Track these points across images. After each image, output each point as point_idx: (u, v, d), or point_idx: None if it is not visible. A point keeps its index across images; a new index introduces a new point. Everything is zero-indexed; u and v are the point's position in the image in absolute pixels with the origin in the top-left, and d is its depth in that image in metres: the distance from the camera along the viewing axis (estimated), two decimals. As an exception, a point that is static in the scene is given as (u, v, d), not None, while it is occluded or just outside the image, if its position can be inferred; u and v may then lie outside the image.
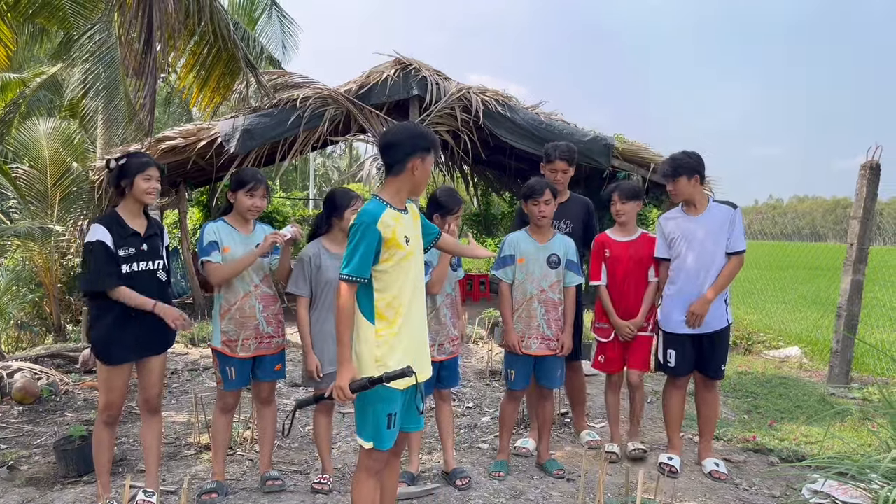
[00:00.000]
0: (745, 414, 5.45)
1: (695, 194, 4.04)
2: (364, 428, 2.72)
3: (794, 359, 7.83)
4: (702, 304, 3.93)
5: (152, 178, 3.37)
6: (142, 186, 3.34)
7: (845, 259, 6.58)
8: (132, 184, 3.34)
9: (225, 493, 3.67)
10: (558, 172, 4.38)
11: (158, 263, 3.44)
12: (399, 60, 8.72)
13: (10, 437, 4.66)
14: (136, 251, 3.33)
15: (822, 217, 43.84)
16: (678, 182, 4.02)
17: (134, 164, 3.34)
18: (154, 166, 3.39)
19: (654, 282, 4.20)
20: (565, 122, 8.93)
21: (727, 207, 4.02)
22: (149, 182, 3.35)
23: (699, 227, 4.00)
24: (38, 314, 8.63)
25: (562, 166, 4.38)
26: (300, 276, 3.67)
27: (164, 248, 3.55)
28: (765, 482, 4.03)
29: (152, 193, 3.38)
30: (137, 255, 3.34)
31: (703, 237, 3.97)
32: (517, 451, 4.43)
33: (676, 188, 4.04)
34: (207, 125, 8.68)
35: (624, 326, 4.19)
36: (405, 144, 2.68)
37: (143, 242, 3.38)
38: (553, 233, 4.07)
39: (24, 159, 9.12)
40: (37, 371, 5.83)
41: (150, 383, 3.52)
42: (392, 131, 2.77)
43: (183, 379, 6.40)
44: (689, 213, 4.07)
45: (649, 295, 4.20)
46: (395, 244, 2.65)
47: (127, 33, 5.93)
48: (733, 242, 3.98)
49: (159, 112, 18.27)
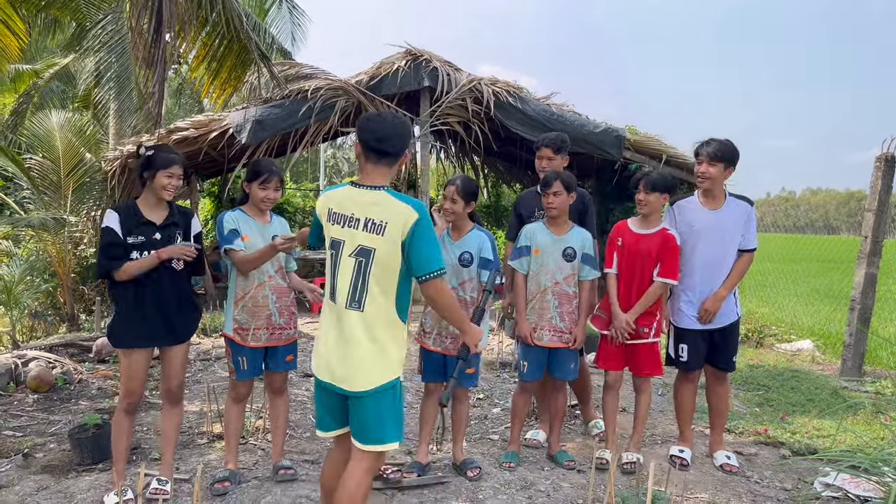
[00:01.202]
0: (756, 407, 5.43)
1: (721, 185, 3.97)
2: (394, 428, 2.64)
3: (807, 352, 7.79)
4: (715, 300, 3.90)
5: (174, 175, 3.41)
6: (162, 182, 3.39)
7: (859, 252, 6.53)
8: (154, 177, 3.38)
9: (238, 481, 3.70)
10: (543, 160, 4.35)
11: None
12: (410, 51, 8.69)
13: (25, 425, 4.71)
14: (146, 240, 3.37)
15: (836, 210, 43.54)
16: (715, 167, 3.87)
17: (160, 159, 3.38)
18: (179, 164, 3.44)
19: (658, 282, 3.92)
20: (577, 114, 8.87)
21: (745, 204, 3.97)
22: (170, 179, 3.40)
23: (719, 221, 3.93)
24: (52, 304, 8.71)
25: (547, 153, 4.34)
26: None
27: (193, 237, 3.59)
28: (776, 475, 4.02)
29: (171, 190, 3.43)
30: (147, 244, 3.37)
31: (722, 232, 3.91)
32: (528, 443, 4.43)
33: (711, 173, 3.88)
34: (219, 116, 8.69)
35: (621, 319, 3.94)
36: (406, 138, 2.65)
37: (157, 232, 3.41)
38: (570, 225, 4.04)
39: (37, 150, 9.17)
40: (51, 360, 5.89)
41: (172, 373, 3.56)
42: (391, 122, 2.65)
43: (195, 368, 6.43)
44: (708, 205, 3.98)
45: (650, 294, 3.93)
46: None
47: (137, 23, 5.94)
48: (748, 240, 3.94)
49: (171, 103, 18.34)
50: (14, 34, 6.27)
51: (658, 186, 3.91)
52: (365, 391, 2.56)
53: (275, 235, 3.62)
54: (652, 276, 3.95)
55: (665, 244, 3.91)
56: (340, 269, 2.58)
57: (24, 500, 3.52)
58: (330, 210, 2.64)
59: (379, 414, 2.60)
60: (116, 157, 8.82)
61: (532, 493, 3.70)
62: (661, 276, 3.91)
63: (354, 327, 2.56)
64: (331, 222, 2.63)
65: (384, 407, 2.61)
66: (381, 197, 2.57)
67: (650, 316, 3.99)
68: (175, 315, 3.45)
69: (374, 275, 2.55)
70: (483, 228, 3.88)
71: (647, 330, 3.99)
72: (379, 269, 2.55)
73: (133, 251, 3.34)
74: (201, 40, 6.56)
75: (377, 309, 2.57)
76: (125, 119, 8.41)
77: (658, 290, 3.94)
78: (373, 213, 2.55)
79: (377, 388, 2.57)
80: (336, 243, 2.61)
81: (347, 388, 2.58)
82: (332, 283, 2.62)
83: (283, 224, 3.80)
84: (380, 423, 2.60)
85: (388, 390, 2.61)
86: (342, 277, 2.58)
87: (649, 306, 3.96)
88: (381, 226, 2.52)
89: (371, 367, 2.57)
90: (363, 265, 2.55)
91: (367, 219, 2.55)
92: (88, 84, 9.98)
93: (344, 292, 2.57)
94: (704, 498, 3.65)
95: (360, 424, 2.61)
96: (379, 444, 2.61)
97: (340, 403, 2.68)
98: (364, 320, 2.56)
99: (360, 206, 2.58)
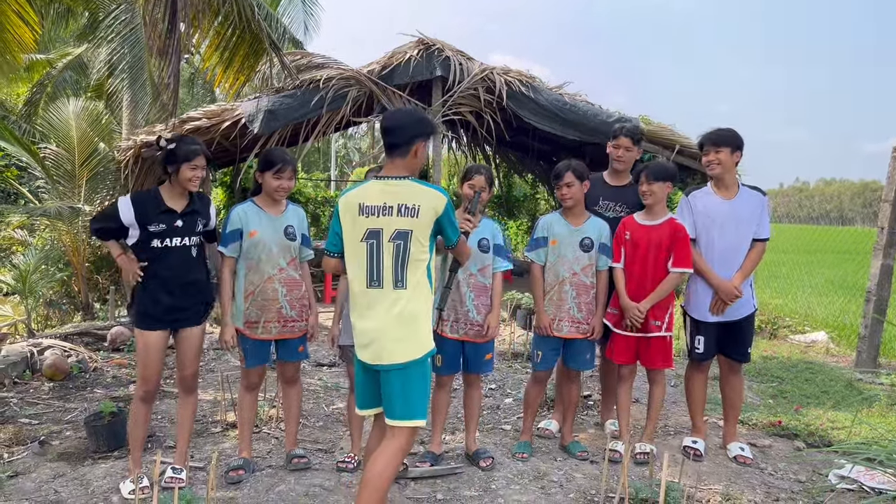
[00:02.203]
0: (770, 398, 5.41)
1: (732, 172, 3.98)
2: (421, 405, 2.82)
3: (821, 343, 7.73)
4: (728, 289, 3.89)
5: (198, 167, 3.41)
6: (187, 175, 3.39)
7: (875, 243, 6.47)
8: (178, 171, 3.38)
9: (252, 470, 3.72)
10: (621, 149, 4.25)
11: (193, 240, 3.49)
12: (422, 41, 8.63)
13: (41, 413, 4.76)
14: (167, 227, 3.39)
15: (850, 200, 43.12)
16: (721, 153, 3.90)
17: (182, 152, 3.37)
18: (202, 155, 3.43)
19: (674, 272, 3.88)
20: (590, 104, 8.81)
21: (758, 193, 3.98)
22: (194, 171, 3.40)
23: (734, 211, 3.91)
24: (67, 293, 8.76)
25: (626, 143, 4.23)
26: None
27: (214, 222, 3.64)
28: (790, 467, 4.00)
29: (195, 182, 3.43)
30: (170, 232, 3.40)
31: (738, 222, 3.90)
32: (540, 433, 4.43)
33: (719, 159, 3.90)
34: (231, 106, 8.68)
35: (632, 308, 3.89)
36: (411, 128, 2.84)
37: (179, 219, 3.43)
38: (587, 216, 4.02)
39: (51, 139, 9.21)
40: (66, 348, 5.94)
41: (186, 362, 3.58)
42: (399, 114, 2.94)
43: (209, 357, 6.48)
44: (721, 195, 3.97)
45: (666, 284, 3.88)
46: None
47: (151, 13, 5.94)
48: (762, 229, 3.94)
49: (183, 93, 18.37)
50: (28, 25, 6.28)
51: (661, 175, 3.89)
52: (402, 363, 2.76)
53: (289, 226, 3.63)
54: (666, 267, 3.90)
55: (675, 234, 3.87)
56: (384, 254, 2.79)
57: (40, 487, 3.56)
58: (361, 205, 2.82)
59: (410, 388, 2.79)
60: (129, 147, 8.84)
61: (545, 484, 3.70)
62: (676, 266, 3.87)
63: (396, 305, 2.77)
64: (364, 215, 2.81)
65: (415, 381, 2.79)
66: (408, 184, 2.82)
67: (662, 309, 3.95)
68: (189, 299, 3.49)
69: (412, 253, 2.79)
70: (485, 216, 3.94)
71: (660, 323, 3.95)
72: (415, 247, 2.79)
73: (154, 239, 3.38)
74: (214, 30, 6.56)
75: (417, 284, 2.80)
76: (139, 109, 8.42)
77: (674, 281, 3.90)
78: (405, 199, 2.78)
79: (414, 360, 2.77)
80: (374, 232, 2.80)
81: (387, 362, 2.77)
82: (371, 270, 2.80)
83: (297, 213, 3.78)
84: (409, 398, 2.78)
85: (421, 364, 2.80)
86: (386, 261, 2.79)
87: (662, 298, 3.92)
88: (414, 209, 2.77)
89: (411, 340, 2.79)
90: (402, 247, 2.78)
91: (400, 205, 2.78)
92: (102, 74, 10.00)
93: (389, 275, 2.79)
94: (718, 489, 3.63)
95: (391, 399, 2.79)
96: (409, 419, 2.78)
97: (378, 382, 2.88)
98: (408, 297, 2.78)
99: (390, 195, 2.80)
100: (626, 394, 4.14)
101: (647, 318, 3.92)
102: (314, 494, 3.50)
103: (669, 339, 4.01)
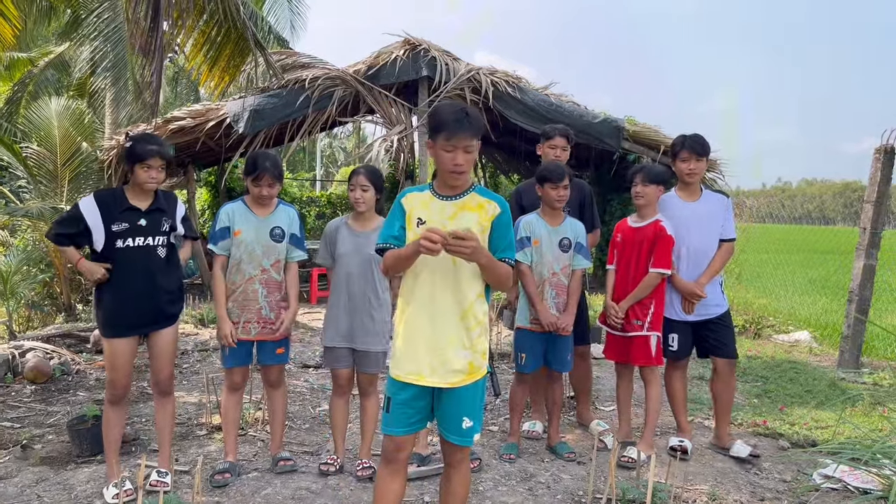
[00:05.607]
0: (755, 398, 5.44)
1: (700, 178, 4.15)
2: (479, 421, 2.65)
3: (804, 343, 7.81)
4: (694, 289, 3.99)
5: (152, 167, 3.30)
6: (140, 176, 3.31)
7: (858, 243, 6.53)
8: (132, 170, 3.32)
9: (237, 472, 3.69)
10: (557, 149, 4.37)
11: (159, 239, 3.42)
12: (408, 41, 8.63)
13: (23, 416, 4.69)
14: (130, 226, 3.32)
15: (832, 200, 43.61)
16: (702, 162, 4.05)
17: (137, 152, 3.27)
18: (157, 156, 3.31)
19: (653, 272, 3.92)
20: (576, 104, 8.85)
21: (721, 196, 4.18)
22: (147, 172, 3.30)
23: (696, 212, 4.05)
24: (49, 294, 8.67)
25: (561, 143, 4.38)
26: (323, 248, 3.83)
27: (180, 221, 3.55)
28: (775, 467, 4.03)
29: (150, 183, 3.33)
30: (133, 231, 3.33)
31: (701, 222, 4.03)
32: (526, 435, 4.43)
33: (699, 168, 4.05)
34: (216, 105, 8.64)
35: (611, 307, 4.08)
36: (430, 124, 2.54)
37: (142, 218, 3.36)
38: (563, 216, 4.05)
39: (33, 139, 9.11)
40: (48, 350, 5.86)
41: (160, 366, 3.54)
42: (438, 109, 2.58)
43: (193, 359, 6.42)
44: (685, 198, 4.12)
45: (644, 284, 3.95)
46: None
47: (133, 11, 5.89)
48: (727, 230, 4.09)
49: (167, 92, 18.23)
50: (8, 21, 6.20)
51: (656, 179, 3.98)
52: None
53: (276, 227, 3.60)
54: (647, 267, 3.98)
55: (657, 235, 3.95)
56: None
57: (23, 491, 3.51)
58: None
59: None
60: (112, 147, 8.77)
61: (532, 485, 3.70)
62: (655, 267, 3.94)
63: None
64: None
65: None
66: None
67: (643, 308, 4.00)
68: (156, 303, 3.42)
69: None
70: None
71: (641, 322, 4.00)
72: None
73: (117, 239, 3.30)
74: (199, 29, 6.51)
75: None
76: (121, 108, 8.36)
77: (652, 281, 3.95)
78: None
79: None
80: None
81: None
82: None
83: (288, 213, 3.72)
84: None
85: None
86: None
87: (643, 297, 3.98)
88: None
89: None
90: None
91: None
92: (84, 72, 9.90)
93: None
94: (704, 489, 3.65)
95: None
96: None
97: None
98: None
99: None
100: (624, 390, 4.27)
101: (628, 317, 4.02)
102: (301, 497, 3.48)
103: (650, 339, 4.02)
